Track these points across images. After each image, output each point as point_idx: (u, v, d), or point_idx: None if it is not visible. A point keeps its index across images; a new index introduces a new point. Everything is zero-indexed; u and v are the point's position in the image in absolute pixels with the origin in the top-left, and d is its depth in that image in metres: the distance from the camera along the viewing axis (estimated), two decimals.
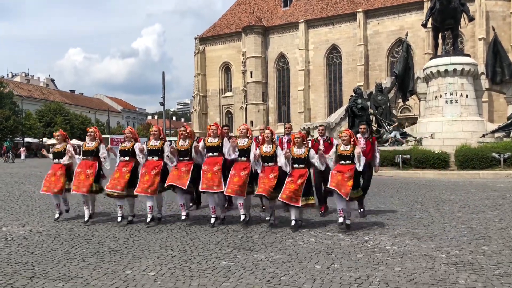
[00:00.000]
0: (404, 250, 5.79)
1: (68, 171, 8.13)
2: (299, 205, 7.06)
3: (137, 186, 7.57)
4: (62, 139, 8.33)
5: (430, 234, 6.72)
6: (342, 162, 7.07)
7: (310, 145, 7.85)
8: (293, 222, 7.13)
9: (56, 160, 8.20)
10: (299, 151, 7.24)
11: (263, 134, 7.53)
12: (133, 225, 7.66)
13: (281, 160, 7.21)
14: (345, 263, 5.21)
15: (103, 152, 7.93)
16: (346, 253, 5.66)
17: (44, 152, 8.82)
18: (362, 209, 8.29)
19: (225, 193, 7.49)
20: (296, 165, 7.19)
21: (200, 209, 9.24)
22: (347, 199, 6.88)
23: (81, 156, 8.11)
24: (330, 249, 5.85)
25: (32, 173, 21.58)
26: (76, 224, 7.77)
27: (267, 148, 7.36)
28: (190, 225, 7.61)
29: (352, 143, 7.11)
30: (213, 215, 7.64)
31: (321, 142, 8.41)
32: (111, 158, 8.12)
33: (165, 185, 7.55)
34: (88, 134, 8.23)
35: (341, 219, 6.93)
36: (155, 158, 7.71)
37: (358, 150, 7.01)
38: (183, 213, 7.68)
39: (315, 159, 7.26)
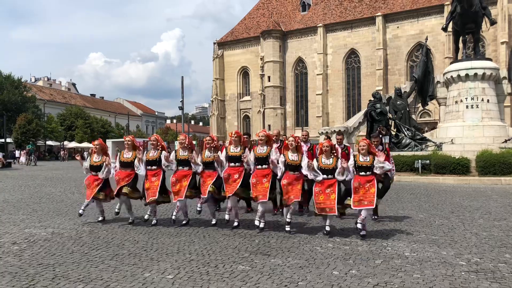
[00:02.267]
0: (423, 257, 5.72)
1: (105, 183, 8.21)
2: (335, 214, 6.92)
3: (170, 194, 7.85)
4: (100, 150, 8.25)
5: (450, 241, 6.63)
6: (362, 173, 6.86)
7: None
8: (327, 228, 7.01)
9: (94, 173, 8.19)
10: (327, 162, 6.97)
11: (286, 141, 7.43)
12: (152, 228, 7.74)
13: (305, 171, 7.07)
14: (363, 269, 5.18)
15: (136, 163, 7.93)
16: (364, 259, 5.63)
17: (79, 158, 8.72)
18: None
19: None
20: (324, 176, 6.96)
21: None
22: (374, 206, 6.78)
23: (117, 165, 8.15)
24: (348, 255, 5.82)
25: (54, 175, 21.97)
26: (96, 227, 7.89)
27: (293, 156, 7.16)
28: (208, 229, 7.65)
29: (371, 153, 6.92)
30: (227, 212, 7.69)
31: (339, 150, 8.30)
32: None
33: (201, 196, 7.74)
34: (125, 143, 8.19)
35: (363, 232, 6.81)
36: (186, 168, 7.78)
37: (382, 159, 6.85)
38: (214, 220, 7.91)
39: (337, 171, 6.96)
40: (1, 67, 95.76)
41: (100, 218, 8.36)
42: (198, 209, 7.87)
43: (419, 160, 18.29)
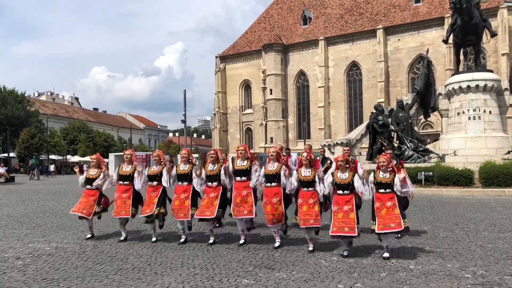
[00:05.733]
0: (428, 269, 5.70)
1: (100, 197, 8.22)
2: (355, 234, 6.47)
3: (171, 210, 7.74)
4: (97, 164, 8.30)
5: (455, 253, 6.60)
6: (382, 190, 6.53)
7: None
8: (345, 253, 6.56)
9: (89, 186, 8.19)
10: (342, 176, 6.66)
11: (299, 157, 7.24)
12: (156, 242, 7.73)
13: (320, 189, 6.82)
14: (368, 282, 5.16)
15: (136, 176, 7.92)
16: (369, 272, 5.60)
17: (77, 170, 8.80)
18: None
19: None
20: (340, 191, 6.65)
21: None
22: (403, 228, 6.39)
23: (115, 178, 8.13)
24: (352, 268, 5.80)
25: (57, 190, 21.97)
26: (99, 241, 7.88)
27: (305, 172, 6.96)
28: (212, 243, 7.62)
29: (391, 169, 6.59)
30: (242, 238, 7.56)
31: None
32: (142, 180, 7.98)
33: (195, 216, 7.55)
34: (124, 156, 8.21)
35: (386, 254, 6.41)
36: (185, 183, 7.70)
37: (403, 175, 6.50)
38: (212, 238, 7.70)
39: (361, 187, 6.53)
40: (5, 82, 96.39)
41: (89, 236, 8.19)
42: (211, 241, 7.64)
43: (422, 172, 18.26)
